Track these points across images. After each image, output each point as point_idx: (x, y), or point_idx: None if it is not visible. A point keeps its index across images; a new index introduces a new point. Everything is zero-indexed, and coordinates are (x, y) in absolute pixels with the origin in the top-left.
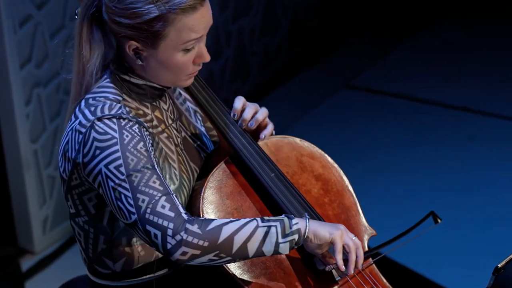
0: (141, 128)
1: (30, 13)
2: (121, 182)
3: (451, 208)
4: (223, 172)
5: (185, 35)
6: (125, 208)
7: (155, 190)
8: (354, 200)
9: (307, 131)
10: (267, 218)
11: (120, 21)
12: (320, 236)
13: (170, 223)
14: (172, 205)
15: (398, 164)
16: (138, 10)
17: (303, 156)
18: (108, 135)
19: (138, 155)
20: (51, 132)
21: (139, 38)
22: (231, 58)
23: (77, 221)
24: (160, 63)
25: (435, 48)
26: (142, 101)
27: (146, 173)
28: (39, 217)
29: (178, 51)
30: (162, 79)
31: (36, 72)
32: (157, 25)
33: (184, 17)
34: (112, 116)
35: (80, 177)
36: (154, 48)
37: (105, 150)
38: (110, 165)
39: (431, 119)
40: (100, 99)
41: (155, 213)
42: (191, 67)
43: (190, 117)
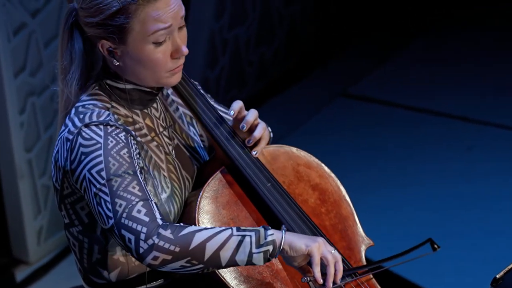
0: (127, 136)
1: (24, 21)
2: (102, 186)
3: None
4: (219, 182)
5: (150, 26)
6: (104, 213)
7: (133, 195)
8: (351, 210)
9: (303, 140)
10: (243, 228)
11: (88, 21)
12: (296, 248)
13: (144, 228)
14: (148, 211)
15: (396, 174)
16: (100, 6)
17: (299, 165)
18: (93, 140)
19: (120, 160)
20: (45, 141)
21: (107, 36)
22: (227, 67)
23: (72, 231)
24: (134, 59)
25: (434, 56)
26: (132, 108)
27: (126, 178)
28: (34, 227)
29: (148, 44)
30: (142, 78)
31: (31, 81)
32: (120, 18)
33: (147, 7)
34: (99, 122)
35: (70, 186)
36: (123, 44)
37: (89, 155)
38: (92, 170)
39: (430, 128)
40: (89, 107)
41: (130, 217)
42: (170, 63)
43: (183, 125)
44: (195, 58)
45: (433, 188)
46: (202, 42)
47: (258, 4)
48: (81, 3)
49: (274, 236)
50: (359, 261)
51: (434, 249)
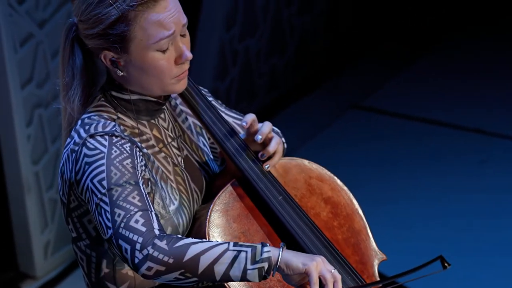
0: (133, 147)
1: (31, 32)
2: (102, 196)
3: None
4: (230, 195)
5: (154, 32)
6: (104, 223)
7: (132, 205)
8: (364, 223)
9: (315, 153)
10: (240, 243)
11: (88, 33)
12: (293, 266)
13: (140, 238)
14: (146, 221)
15: (409, 187)
16: (99, 16)
17: (311, 178)
18: (97, 150)
19: (122, 170)
20: (52, 153)
21: (109, 46)
22: (237, 78)
23: (79, 245)
24: (138, 68)
25: (446, 68)
26: (139, 119)
27: (127, 188)
28: (41, 241)
29: (152, 51)
30: (148, 86)
31: (38, 92)
32: (120, 26)
33: (146, 12)
34: (105, 133)
35: (77, 198)
36: (126, 53)
37: (92, 165)
38: (94, 179)
39: (443, 141)
40: (94, 118)
41: (128, 227)
42: (174, 69)
43: (192, 136)
44: (204, 69)
45: (446, 202)
46: (212, 53)
47: (269, 14)
48: (80, 16)
49: (270, 253)
50: (372, 276)
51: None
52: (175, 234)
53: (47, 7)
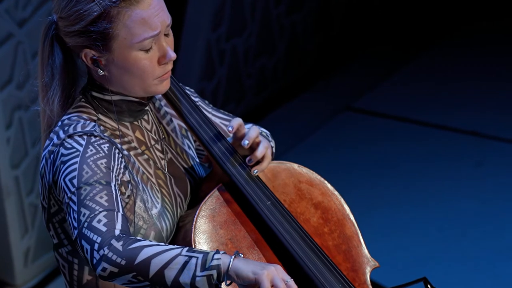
0: (111, 147)
1: (11, 32)
2: (72, 195)
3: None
4: (216, 200)
5: (138, 31)
6: (71, 223)
7: (98, 204)
8: (356, 229)
9: (305, 156)
10: (194, 249)
11: (69, 30)
12: (243, 275)
13: (99, 237)
14: (109, 221)
15: (403, 192)
16: (80, 12)
17: (301, 183)
18: (73, 149)
19: (95, 169)
20: (33, 157)
21: (91, 44)
22: (224, 79)
23: (61, 252)
24: (120, 68)
25: (442, 69)
26: (121, 120)
27: (96, 187)
28: (21, 248)
29: (134, 50)
30: (130, 87)
31: (17, 94)
32: (103, 24)
33: (129, 10)
34: (83, 133)
35: (56, 202)
36: (108, 51)
37: (67, 163)
38: (66, 177)
39: (438, 144)
40: (74, 119)
41: (90, 227)
42: (158, 69)
43: (177, 139)
44: (190, 69)
45: (441, 206)
46: (198, 52)
47: (257, 13)
48: (60, 13)
49: (220, 261)
50: (364, 283)
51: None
52: (158, 239)
53: (27, 6)
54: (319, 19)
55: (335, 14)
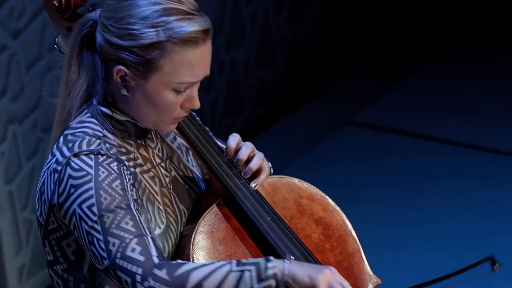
0: (120, 166)
1: (5, 43)
2: (94, 224)
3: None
4: (215, 216)
5: (182, 73)
6: (98, 252)
7: (126, 232)
8: (358, 246)
9: (306, 171)
10: (243, 261)
11: (114, 41)
12: (298, 280)
13: (139, 269)
14: (143, 248)
15: (406, 208)
16: (135, 32)
17: (302, 198)
18: (83, 171)
19: (112, 193)
20: (27, 172)
21: (130, 64)
22: (224, 91)
23: (56, 269)
24: (146, 97)
25: (446, 82)
26: (125, 138)
27: (119, 213)
28: (15, 265)
29: (169, 89)
30: (145, 117)
31: (11, 107)
32: (153, 52)
33: (183, 50)
34: (90, 152)
35: (57, 220)
36: (144, 79)
37: (79, 188)
38: (83, 205)
39: (442, 158)
40: (79, 135)
41: (125, 257)
42: (178, 111)
43: (182, 156)
44: None
45: (445, 223)
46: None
47: (257, 23)
48: (112, 21)
49: (275, 269)
50: None
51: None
52: None
53: (22, 16)
54: (320, 30)
55: (337, 24)
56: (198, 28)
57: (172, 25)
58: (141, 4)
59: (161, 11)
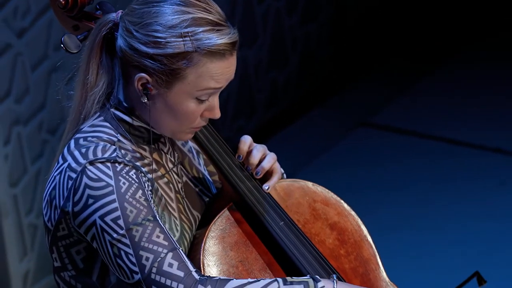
0: (138, 174)
1: (9, 42)
2: (121, 237)
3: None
4: (227, 220)
5: (205, 82)
6: (126, 266)
7: (160, 246)
8: (374, 251)
9: (320, 174)
10: (290, 280)
11: (138, 47)
12: None
13: (180, 284)
14: (180, 263)
15: (422, 212)
16: (162, 41)
17: (316, 202)
18: (102, 182)
19: (137, 205)
20: (32, 175)
21: (154, 72)
22: (234, 93)
23: (63, 275)
24: (168, 106)
25: (462, 82)
26: (139, 143)
27: (148, 226)
28: (19, 271)
29: (191, 98)
30: (163, 125)
31: (16, 108)
32: (179, 62)
33: (210, 61)
34: (106, 159)
35: (68, 228)
36: (167, 88)
37: (100, 200)
38: (106, 217)
39: (459, 161)
40: (92, 140)
41: (162, 272)
42: (198, 120)
43: (193, 159)
44: None
45: (463, 228)
46: None
47: (269, 23)
48: (138, 26)
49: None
50: None
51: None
52: None
53: (26, 15)
54: (334, 31)
55: (351, 25)
56: (227, 41)
57: (200, 36)
58: (170, 12)
59: (189, 21)
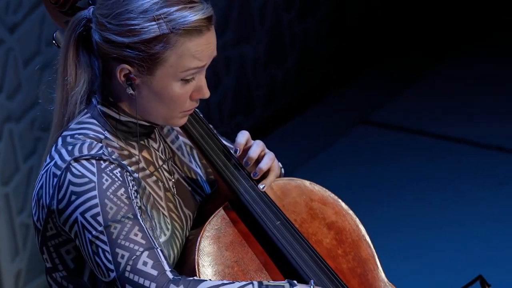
0: (123, 172)
1: (1, 37)
2: (99, 234)
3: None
4: (222, 220)
5: (186, 62)
6: (103, 264)
7: (136, 244)
8: (372, 251)
9: (318, 173)
10: (265, 283)
11: (114, 39)
12: None
13: (152, 283)
14: (155, 262)
15: (421, 211)
16: (136, 28)
17: (313, 201)
18: (85, 178)
19: (118, 202)
20: (24, 173)
21: (134, 61)
22: (231, 89)
23: (54, 276)
24: (154, 93)
25: (464, 80)
26: (127, 139)
27: (126, 224)
28: (11, 271)
29: (176, 80)
30: (153, 114)
31: (8, 105)
32: (157, 46)
33: (188, 40)
34: (91, 156)
35: (55, 227)
36: (150, 74)
37: (82, 196)
38: (86, 214)
39: (459, 160)
40: (79, 137)
41: (135, 271)
42: (188, 103)
43: (183, 157)
44: None
45: (463, 228)
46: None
47: (267, 18)
48: (110, 18)
49: None
50: None
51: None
52: None
53: (19, 9)
54: (333, 26)
55: (351, 21)
56: (201, 16)
57: (174, 16)
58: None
59: (160, 3)
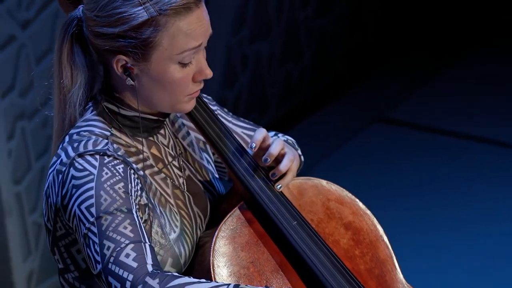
0: (127, 169)
1: (13, 34)
2: (90, 225)
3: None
4: (237, 220)
5: (181, 42)
6: (92, 256)
7: (123, 236)
8: (390, 252)
9: (334, 172)
10: (242, 286)
11: (104, 31)
12: None
13: (130, 275)
14: (138, 255)
15: (441, 211)
16: (124, 15)
17: (330, 201)
18: (86, 171)
19: (113, 195)
20: (37, 171)
21: (127, 50)
22: (247, 87)
23: (67, 277)
24: (154, 79)
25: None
26: (135, 135)
27: (118, 216)
28: (23, 271)
29: (174, 63)
30: (158, 102)
31: (20, 102)
32: (147, 31)
33: (178, 19)
34: (95, 152)
35: (64, 226)
36: (145, 61)
37: (80, 188)
38: (82, 205)
39: (480, 158)
40: (84, 134)
41: (117, 262)
42: (191, 85)
43: (194, 153)
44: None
45: (484, 228)
46: (218, 57)
47: (283, 15)
48: (97, 11)
49: None
50: None
51: None
52: (176, 265)
53: (31, 5)
54: (350, 23)
55: (367, 18)
56: None
57: None
58: None
59: None
